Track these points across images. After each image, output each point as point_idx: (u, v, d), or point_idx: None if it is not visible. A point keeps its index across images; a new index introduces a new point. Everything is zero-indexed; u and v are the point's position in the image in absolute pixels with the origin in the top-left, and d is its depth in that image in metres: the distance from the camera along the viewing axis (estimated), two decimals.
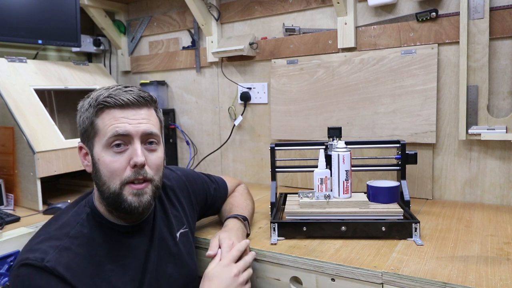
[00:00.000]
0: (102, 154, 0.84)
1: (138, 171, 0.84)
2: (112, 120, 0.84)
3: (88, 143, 0.87)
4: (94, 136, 0.86)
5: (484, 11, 1.30)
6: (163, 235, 0.98)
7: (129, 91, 0.87)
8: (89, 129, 0.86)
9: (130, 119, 0.85)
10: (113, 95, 0.84)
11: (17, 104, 1.47)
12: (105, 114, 0.85)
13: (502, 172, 1.35)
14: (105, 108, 0.85)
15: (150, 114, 0.89)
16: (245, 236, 1.09)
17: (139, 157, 0.83)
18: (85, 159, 0.90)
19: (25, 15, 1.66)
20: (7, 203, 1.47)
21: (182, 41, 2.03)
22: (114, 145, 0.84)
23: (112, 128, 0.83)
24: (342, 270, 0.94)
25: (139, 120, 0.86)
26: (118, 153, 0.84)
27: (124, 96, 0.85)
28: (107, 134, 0.83)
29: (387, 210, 1.10)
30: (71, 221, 0.87)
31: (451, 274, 0.87)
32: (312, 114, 1.65)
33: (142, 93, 0.88)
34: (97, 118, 0.85)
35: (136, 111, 0.86)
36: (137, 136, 0.85)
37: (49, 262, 0.77)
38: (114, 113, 0.84)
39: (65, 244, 0.81)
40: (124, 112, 0.85)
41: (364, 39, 1.53)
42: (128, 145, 0.85)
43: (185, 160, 2.05)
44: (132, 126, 0.84)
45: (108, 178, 0.84)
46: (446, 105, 1.42)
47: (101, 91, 0.87)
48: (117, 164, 0.84)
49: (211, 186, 1.19)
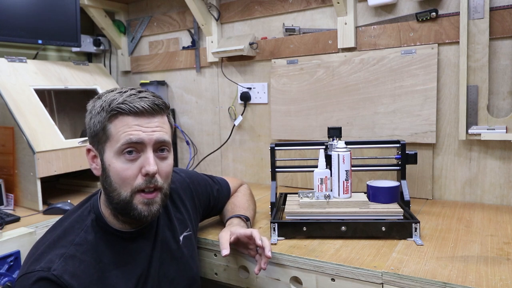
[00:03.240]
0: (114, 160, 0.83)
1: (150, 179, 0.84)
2: (126, 127, 0.82)
3: (99, 146, 0.86)
4: (106, 141, 0.84)
5: (484, 11, 1.30)
6: (166, 239, 0.98)
7: (144, 97, 0.85)
8: (100, 133, 0.85)
9: (144, 127, 0.83)
10: (128, 102, 0.83)
11: (17, 104, 1.47)
12: (118, 121, 0.83)
13: (502, 172, 1.35)
14: (119, 114, 0.83)
15: (163, 122, 0.88)
16: None
17: (152, 166, 0.82)
18: (93, 162, 0.89)
19: (25, 15, 1.66)
20: (7, 203, 1.47)
21: (182, 41, 2.03)
22: (126, 152, 0.83)
23: (126, 135, 0.82)
24: (342, 270, 0.94)
25: (153, 128, 0.84)
26: (130, 161, 0.83)
27: (139, 104, 0.83)
28: (120, 141, 0.82)
29: (387, 210, 1.10)
30: (75, 227, 0.87)
31: (451, 274, 0.87)
32: (312, 114, 1.65)
33: (157, 100, 0.86)
34: (110, 124, 0.83)
35: (150, 119, 0.84)
36: (150, 144, 0.84)
37: (55, 271, 0.77)
38: (127, 120, 0.83)
39: (70, 252, 0.81)
40: (138, 120, 0.83)
41: (364, 39, 1.53)
42: (140, 153, 0.84)
43: (185, 160, 2.05)
44: (146, 134, 0.83)
45: (119, 186, 0.83)
46: (446, 105, 1.42)
47: (114, 95, 0.85)
48: (128, 172, 0.83)
49: (214, 187, 1.19)
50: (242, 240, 1.02)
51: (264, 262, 0.97)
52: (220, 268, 1.13)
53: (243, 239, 1.01)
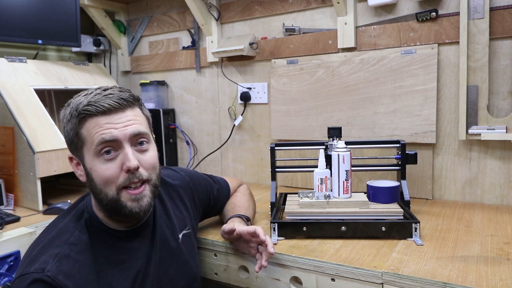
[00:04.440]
0: (94, 163, 0.83)
1: (133, 174, 0.83)
2: (97, 127, 0.82)
3: (78, 153, 0.86)
4: (82, 146, 0.84)
5: (484, 11, 1.30)
6: (164, 236, 0.97)
7: (109, 94, 0.83)
8: (75, 140, 0.84)
9: (115, 124, 0.82)
10: (93, 103, 0.82)
11: (17, 104, 1.47)
12: (88, 123, 0.82)
13: (502, 172, 1.35)
14: (87, 117, 0.82)
15: (135, 114, 0.86)
16: None
17: (132, 161, 0.82)
18: (78, 169, 0.89)
19: (25, 15, 1.66)
20: (7, 203, 1.47)
21: (182, 41, 2.03)
22: (104, 153, 0.82)
23: (98, 136, 0.81)
24: (342, 270, 0.94)
25: (125, 123, 0.83)
26: (109, 160, 0.82)
27: (105, 102, 0.82)
28: (94, 142, 0.81)
29: (387, 210, 1.10)
30: (70, 227, 0.86)
31: (451, 274, 0.87)
32: (312, 114, 1.65)
33: (123, 95, 0.85)
34: (81, 129, 0.83)
35: (120, 115, 0.83)
36: (125, 140, 0.83)
37: (49, 272, 0.77)
38: (97, 121, 0.82)
39: (64, 251, 0.81)
40: (108, 118, 0.82)
41: (364, 39, 1.53)
42: (118, 150, 0.83)
43: (185, 160, 2.05)
44: (118, 130, 0.82)
45: (104, 186, 0.83)
46: (446, 105, 1.42)
47: (80, 99, 0.84)
48: (110, 171, 0.82)
49: (214, 186, 1.19)
50: (245, 237, 1.02)
51: (265, 260, 0.97)
52: (220, 268, 1.13)
53: (245, 236, 1.01)
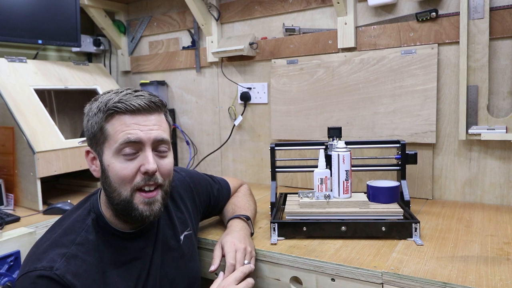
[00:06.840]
0: (112, 160, 0.83)
1: (149, 177, 0.84)
2: (123, 126, 0.82)
3: (97, 148, 0.86)
4: (104, 142, 0.84)
5: (484, 11, 1.30)
6: (166, 238, 0.98)
7: (140, 96, 0.85)
8: (98, 134, 0.85)
9: (141, 125, 0.83)
10: (124, 100, 0.83)
11: (17, 104, 1.47)
12: (115, 120, 0.83)
13: (502, 172, 1.35)
14: (115, 113, 0.83)
15: (160, 120, 0.87)
16: (249, 235, 1.08)
17: (151, 165, 0.82)
18: (92, 164, 0.89)
19: (25, 15, 1.66)
20: (7, 203, 1.47)
21: (182, 41, 2.03)
22: (125, 152, 0.82)
23: (123, 135, 0.82)
24: (342, 270, 0.94)
25: (150, 126, 0.84)
26: (128, 160, 0.83)
27: (135, 102, 0.83)
28: (118, 140, 0.82)
29: (387, 210, 1.10)
30: (76, 227, 0.86)
31: (451, 274, 0.87)
32: (312, 114, 1.65)
33: (153, 98, 0.86)
34: (107, 124, 0.83)
35: (146, 117, 0.84)
36: (148, 143, 0.83)
37: (58, 270, 0.77)
38: (124, 119, 0.83)
39: (72, 251, 0.81)
40: (135, 118, 0.83)
41: (364, 39, 1.53)
42: (139, 152, 0.83)
43: (185, 160, 2.05)
44: (143, 132, 0.83)
45: (119, 185, 0.83)
46: (446, 105, 1.42)
47: (110, 95, 0.85)
48: (127, 171, 0.82)
49: (214, 187, 1.19)
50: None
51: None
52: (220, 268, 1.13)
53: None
